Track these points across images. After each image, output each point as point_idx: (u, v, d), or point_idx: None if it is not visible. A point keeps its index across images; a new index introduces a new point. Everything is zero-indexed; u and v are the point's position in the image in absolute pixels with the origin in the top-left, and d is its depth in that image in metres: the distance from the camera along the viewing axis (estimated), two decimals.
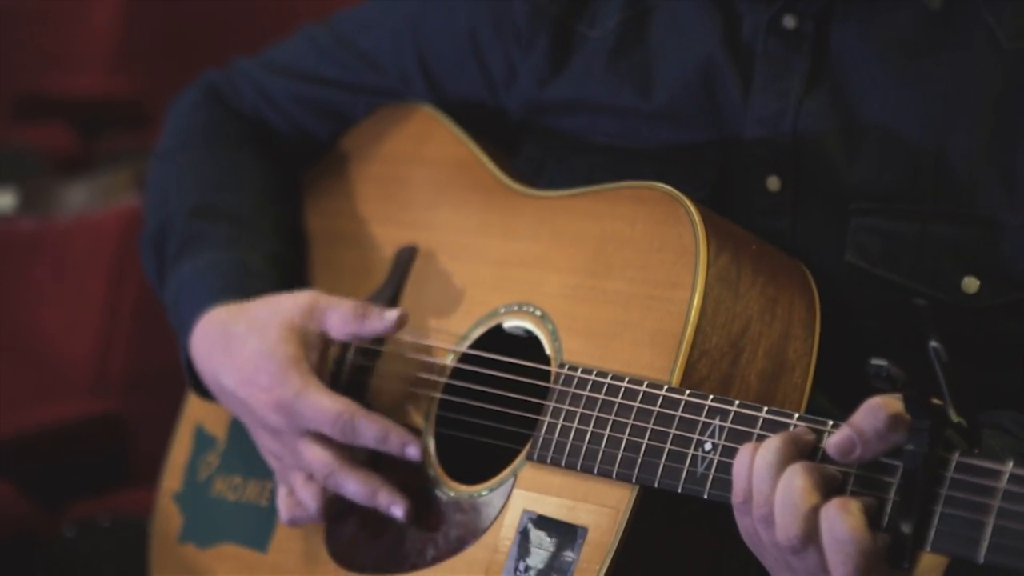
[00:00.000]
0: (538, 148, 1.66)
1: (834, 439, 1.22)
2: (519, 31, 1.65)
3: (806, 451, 1.26)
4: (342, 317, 1.57)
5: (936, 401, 1.19)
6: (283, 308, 1.60)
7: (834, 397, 1.44)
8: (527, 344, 1.54)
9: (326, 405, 1.54)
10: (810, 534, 1.22)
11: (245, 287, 1.66)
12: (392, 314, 1.57)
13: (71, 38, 3.84)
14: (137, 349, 2.49)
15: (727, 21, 1.55)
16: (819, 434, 1.27)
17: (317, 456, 1.56)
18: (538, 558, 1.43)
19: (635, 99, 1.59)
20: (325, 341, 1.59)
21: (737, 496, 1.27)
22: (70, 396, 2.49)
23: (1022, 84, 1.45)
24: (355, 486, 1.55)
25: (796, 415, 1.30)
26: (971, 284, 1.46)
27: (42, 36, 3.89)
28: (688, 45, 1.57)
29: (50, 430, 2.38)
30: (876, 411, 1.21)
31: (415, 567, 1.53)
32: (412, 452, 1.54)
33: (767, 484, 1.24)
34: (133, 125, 3.57)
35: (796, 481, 1.22)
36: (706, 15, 1.56)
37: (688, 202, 1.46)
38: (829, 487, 1.23)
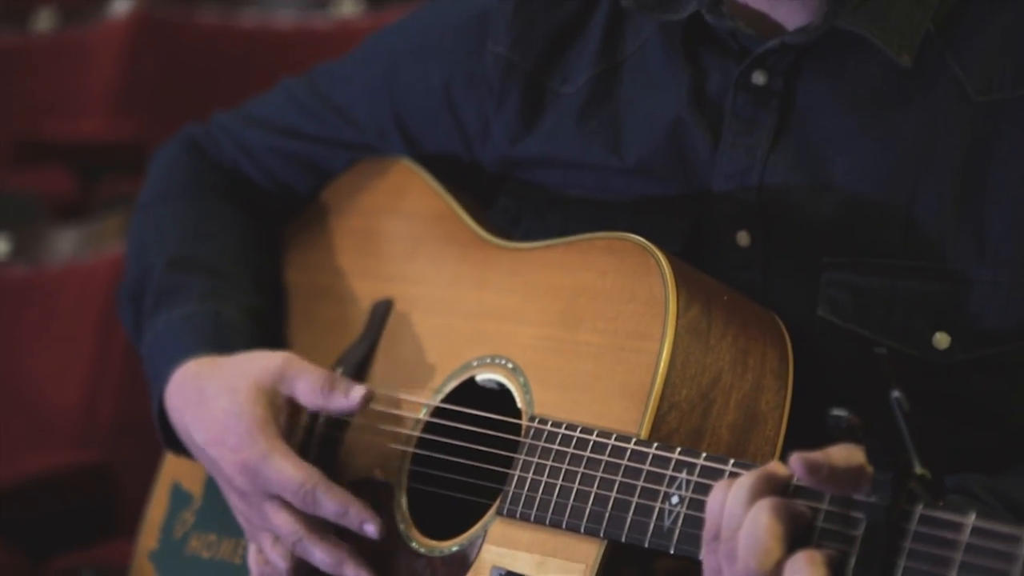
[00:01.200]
0: (513, 201, 1.67)
1: (805, 454, 1.20)
2: (492, 87, 1.66)
3: (778, 487, 1.25)
4: (311, 387, 1.58)
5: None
6: (255, 368, 1.60)
7: (807, 450, 1.43)
8: (500, 397, 1.54)
9: (289, 473, 1.54)
10: (771, 572, 1.21)
11: (221, 340, 1.67)
12: (357, 393, 1.57)
13: (72, 82, 3.86)
14: (125, 399, 2.50)
15: (696, 75, 1.55)
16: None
17: (283, 521, 1.56)
18: None
19: (605, 156, 1.59)
20: (293, 405, 1.60)
21: (708, 532, 1.27)
22: (57, 446, 2.49)
23: (991, 138, 1.45)
24: (321, 555, 1.55)
25: None
26: (942, 340, 1.45)
27: (43, 80, 3.91)
28: (657, 101, 1.57)
29: (37, 480, 2.38)
30: (853, 449, 1.21)
31: None
32: (370, 530, 1.54)
33: (736, 519, 1.24)
34: (133, 169, 3.58)
35: (762, 517, 1.22)
36: (675, 70, 1.57)
37: (659, 253, 1.46)
38: (797, 524, 1.22)
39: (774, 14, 1.52)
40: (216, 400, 1.59)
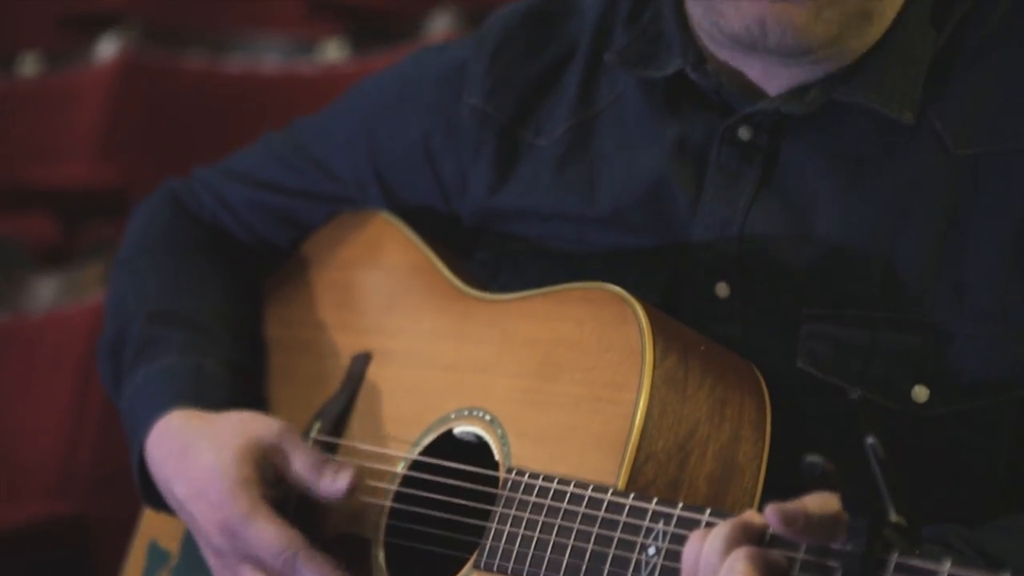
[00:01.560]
0: (491, 253, 1.67)
1: (781, 505, 1.20)
2: (468, 139, 1.67)
3: (754, 536, 1.25)
4: (301, 465, 1.57)
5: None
6: (249, 431, 1.59)
7: (785, 501, 1.43)
8: (478, 449, 1.53)
9: (271, 536, 1.53)
10: None
11: (202, 393, 1.66)
12: (343, 481, 1.56)
13: (56, 127, 3.86)
14: (104, 450, 2.48)
15: (678, 128, 1.56)
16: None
17: None
18: None
19: (581, 207, 1.59)
20: (277, 476, 1.59)
21: None
22: (34, 496, 2.47)
23: (970, 192, 1.45)
24: None
25: None
26: (921, 393, 1.45)
27: (27, 125, 3.92)
28: (635, 153, 1.58)
29: (13, 532, 2.36)
30: (828, 496, 1.21)
31: None
32: None
33: (712, 569, 1.24)
34: (116, 214, 3.58)
35: (739, 566, 1.21)
36: (655, 122, 1.57)
37: (635, 303, 1.46)
38: (773, 573, 1.22)
39: (756, 77, 1.52)
40: (201, 455, 1.59)
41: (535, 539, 1.41)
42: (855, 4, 1.45)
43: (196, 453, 1.59)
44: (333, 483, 1.56)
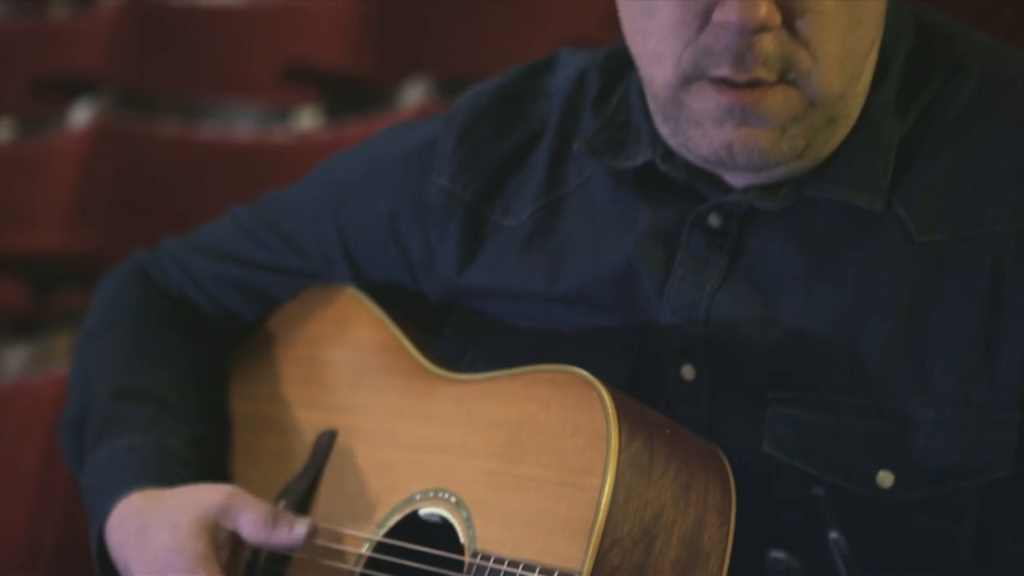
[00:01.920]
0: (459, 332, 1.67)
1: None
2: (435, 217, 1.67)
3: None
4: (253, 522, 1.56)
5: None
6: (197, 502, 1.58)
7: None
8: (444, 531, 1.52)
9: None
10: None
11: (164, 472, 1.65)
12: (300, 529, 1.55)
13: (29, 193, 3.85)
14: (70, 522, 2.46)
15: (648, 213, 1.56)
16: None
17: None
18: None
19: (547, 287, 1.60)
20: (236, 541, 1.58)
21: None
22: None
23: (933, 278, 1.46)
24: None
25: None
26: (886, 479, 1.45)
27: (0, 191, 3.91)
28: (602, 235, 1.58)
29: None
30: None
31: None
32: None
33: None
34: (88, 282, 3.57)
35: None
36: (623, 206, 1.58)
37: (600, 387, 1.45)
38: None
39: (730, 179, 1.53)
40: (157, 535, 1.57)
41: None
42: (819, 116, 1.46)
43: (153, 534, 1.58)
44: (290, 533, 1.55)
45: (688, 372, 1.53)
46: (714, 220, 1.53)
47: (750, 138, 1.44)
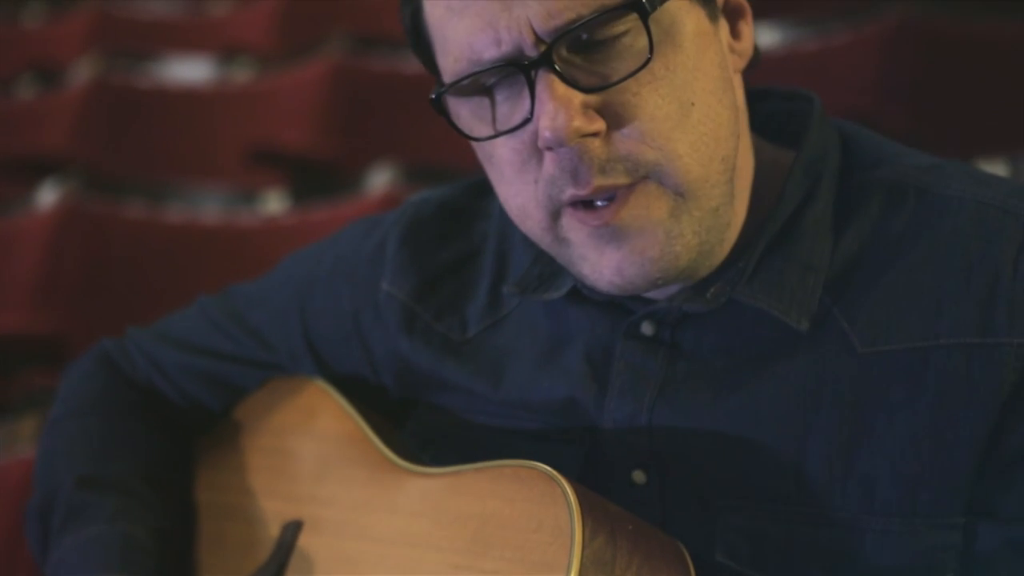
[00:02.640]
0: (420, 425, 1.69)
1: None
2: (387, 317, 1.70)
3: None
4: None
5: None
6: None
7: None
8: None
9: None
10: None
11: (129, 563, 1.66)
12: None
13: None
14: None
15: (582, 327, 1.59)
16: None
17: None
18: None
19: (489, 392, 1.62)
20: None
21: None
22: None
23: (875, 389, 1.47)
24: None
25: None
26: None
27: None
28: (539, 355, 1.61)
29: None
30: None
31: None
32: None
33: None
34: (52, 363, 3.56)
35: None
36: (558, 323, 1.60)
37: (564, 482, 1.47)
38: None
39: (654, 293, 1.55)
40: None
41: None
42: (696, 205, 1.44)
43: None
44: None
45: (639, 477, 1.54)
46: (647, 328, 1.54)
47: (635, 254, 1.43)
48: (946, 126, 3.81)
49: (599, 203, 1.42)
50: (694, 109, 1.42)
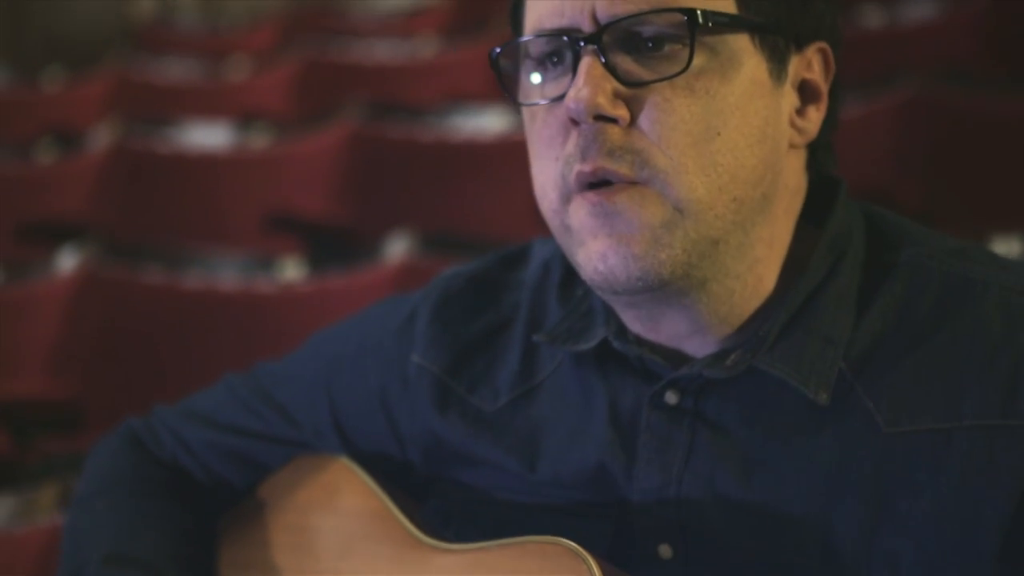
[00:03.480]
0: (444, 501, 1.70)
1: None
2: (417, 391, 1.72)
3: None
4: None
5: None
6: None
7: None
8: None
9: None
10: None
11: None
12: None
13: (12, 339, 3.86)
14: None
15: (609, 395, 1.60)
16: None
17: None
18: None
19: (521, 470, 1.63)
20: None
21: None
22: None
23: (900, 468, 1.49)
24: None
25: None
26: None
27: None
28: (573, 420, 1.62)
29: None
30: None
31: None
32: None
33: None
34: (71, 429, 3.58)
35: None
36: (589, 391, 1.62)
37: (589, 558, 1.48)
38: None
39: (678, 345, 1.57)
40: None
41: None
42: (694, 227, 1.48)
43: None
44: None
45: (665, 551, 1.55)
46: (671, 397, 1.56)
47: (621, 245, 1.47)
48: (960, 201, 3.83)
49: (596, 183, 1.48)
50: (718, 138, 1.47)
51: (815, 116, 1.57)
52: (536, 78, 1.54)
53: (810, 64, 1.56)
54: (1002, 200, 3.78)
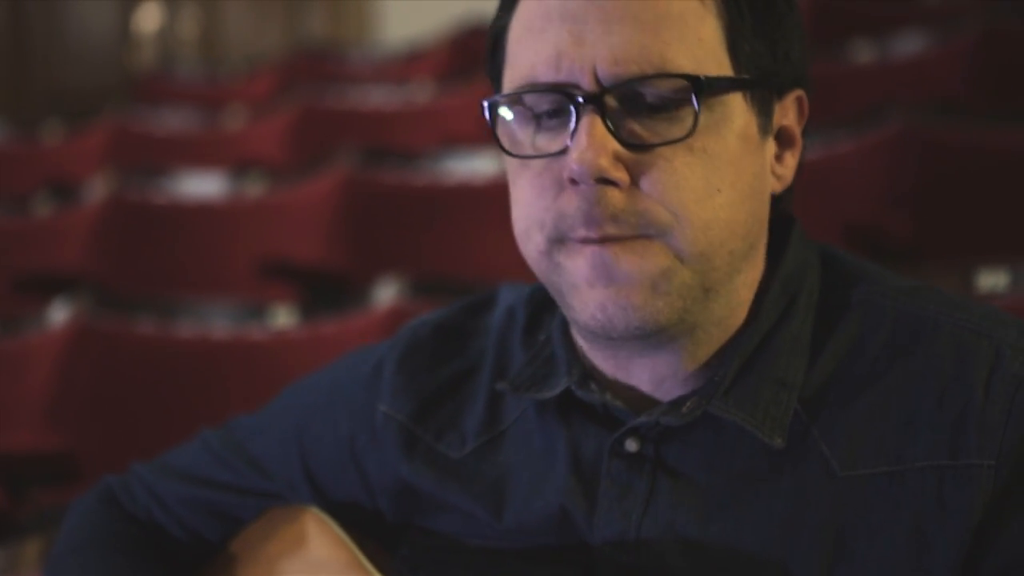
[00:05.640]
0: (414, 550, 1.70)
1: None
2: (384, 440, 1.72)
3: None
4: None
5: None
6: None
7: None
8: None
9: None
10: None
11: None
12: None
13: (4, 393, 3.86)
14: None
15: (571, 443, 1.60)
16: None
17: None
18: None
19: (488, 518, 1.63)
20: None
21: None
22: None
23: (856, 511, 1.49)
24: None
25: None
26: None
27: None
28: (536, 467, 1.62)
29: None
30: None
31: None
32: None
33: None
34: (63, 482, 3.57)
35: None
36: (551, 438, 1.62)
37: None
38: None
39: (646, 390, 1.57)
40: None
41: None
42: (691, 276, 1.49)
43: None
44: None
45: None
46: (631, 445, 1.56)
47: (620, 296, 1.47)
48: (949, 234, 3.83)
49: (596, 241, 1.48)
50: (719, 195, 1.48)
51: (791, 162, 1.59)
52: (528, 128, 1.52)
53: (787, 111, 1.57)
54: (990, 233, 3.78)
